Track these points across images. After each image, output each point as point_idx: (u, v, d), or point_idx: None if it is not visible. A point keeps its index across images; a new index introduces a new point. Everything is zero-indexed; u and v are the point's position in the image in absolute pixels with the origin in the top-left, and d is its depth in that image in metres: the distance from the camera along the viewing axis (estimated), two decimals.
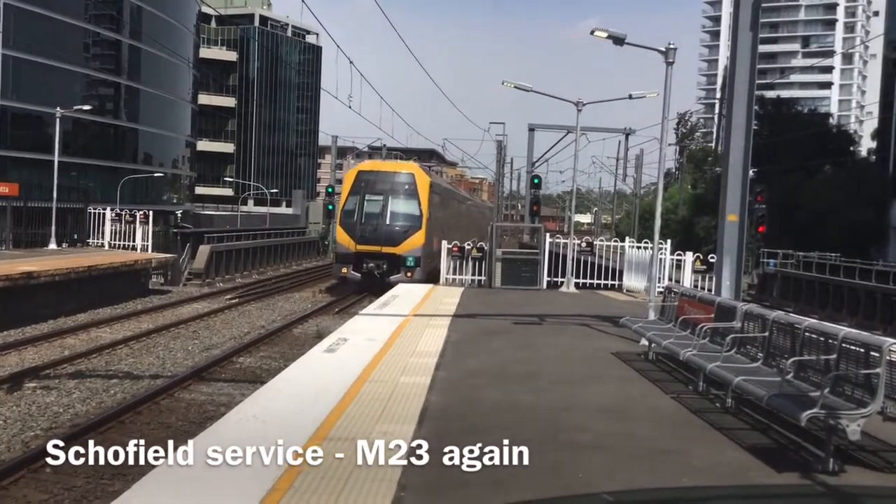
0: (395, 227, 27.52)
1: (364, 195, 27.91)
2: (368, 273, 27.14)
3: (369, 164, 31.29)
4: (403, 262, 27.15)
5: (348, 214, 28.08)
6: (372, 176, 28.57)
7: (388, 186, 28.06)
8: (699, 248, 39.06)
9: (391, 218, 27.64)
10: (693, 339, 10.15)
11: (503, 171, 64.85)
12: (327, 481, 5.98)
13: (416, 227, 27.48)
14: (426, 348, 11.78)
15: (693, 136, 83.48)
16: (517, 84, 26.83)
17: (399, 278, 26.38)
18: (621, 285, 23.41)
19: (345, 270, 27.75)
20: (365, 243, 27.27)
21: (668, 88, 14.25)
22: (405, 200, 27.83)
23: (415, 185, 28.16)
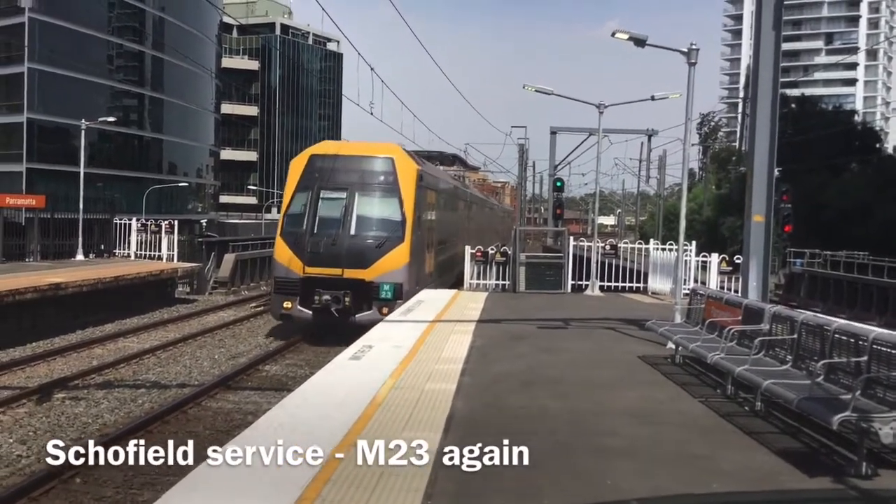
0: (365, 240, 19.02)
1: (318, 192, 19.29)
2: (323, 309, 18.48)
3: (326, 147, 21.50)
4: (376, 291, 18.70)
5: (294, 221, 19.44)
6: (330, 163, 19.65)
7: (356, 178, 19.50)
8: (724, 248, 38.81)
9: (358, 226, 19.09)
10: (720, 342, 10.05)
11: (525, 175, 64.78)
12: (355, 488, 5.97)
13: (397, 239, 19.06)
14: (451, 354, 11.75)
15: (716, 136, 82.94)
16: (538, 87, 26.80)
17: (369, 317, 18.00)
18: (646, 288, 23.26)
19: (287, 305, 18.85)
20: (318, 264, 18.69)
21: (690, 89, 14.15)
22: (381, 199, 19.40)
23: (394, 175, 19.52)
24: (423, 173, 20.92)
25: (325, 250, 18.79)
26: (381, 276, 18.78)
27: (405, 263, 19.08)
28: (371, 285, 18.74)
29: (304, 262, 18.82)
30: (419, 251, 20.25)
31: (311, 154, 20.30)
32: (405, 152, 20.88)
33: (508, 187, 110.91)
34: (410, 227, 19.26)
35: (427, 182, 21.47)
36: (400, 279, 18.96)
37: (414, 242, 19.45)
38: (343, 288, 18.57)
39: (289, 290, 18.91)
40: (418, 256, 20.12)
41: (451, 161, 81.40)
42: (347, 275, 18.69)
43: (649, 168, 57.09)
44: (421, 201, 20.35)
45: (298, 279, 18.84)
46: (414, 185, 19.62)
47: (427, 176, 21.78)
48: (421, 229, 20.35)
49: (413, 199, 19.49)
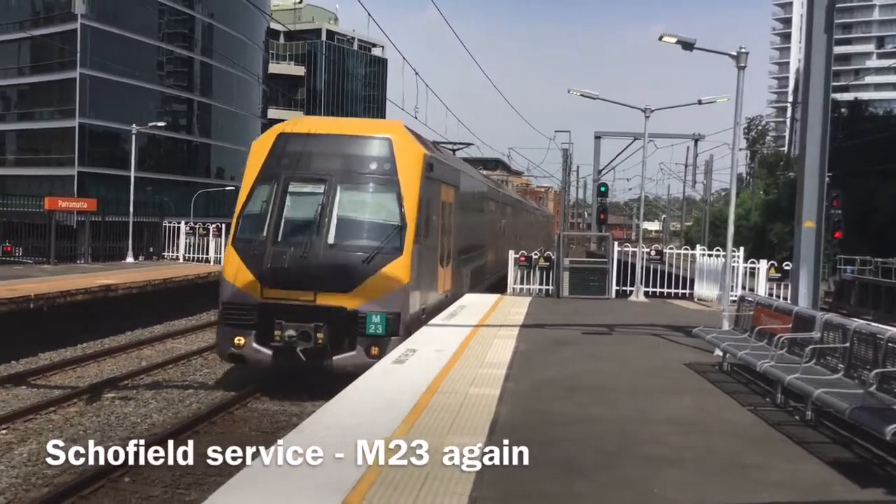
0: (348, 252, 13.95)
1: (285, 184, 14.34)
2: (286, 349, 13.40)
3: (299, 123, 15.81)
4: (362, 324, 13.67)
5: (250, 224, 14.48)
6: (303, 144, 14.67)
7: (337, 166, 14.48)
8: (772, 255, 38.20)
9: (339, 231, 14.11)
10: (770, 350, 9.89)
11: (569, 180, 64.49)
12: (400, 492, 5.98)
13: (393, 251, 14.06)
14: (495, 359, 11.72)
15: (764, 141, 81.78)
16: (583, 92, 26.63)
17: (352, 360, 13.34)
18: (692, 294, 22.99)
19: (239, 342, 13.71)
20: (281, 285, 13.63)
21: (739, 93, 13.96)
22: (372, 195, 14.58)
23: (392, 163, 14.56)
24: (434, 161, 15.65)
25: (292, 266, 13.54)
26: (370, 302, 13.60)
27: (404, 284, 13.93)
28: (355, 316, 13.49)
29: (261, 281, 13.61)
30: (427, 266, 15.39)
31: (278, 132, 14.96)
32: (409, 132, 15.65)
33: (552, 192, 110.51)
34: (413, 234, 14.18)
35: (440, 174, 16.49)
36: (396, 307, 13.73)
37: (418, 255, 14.43)
38: (315, 319, 13.35)
39: (240, 321, 13.66)
40: (425, 273, 15.28)
41: (494, 165, 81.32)
42: (322, 300, 13.46)
43: (695, 173, 56.47)
44: (430, 198, 15.40)
45: (253, 306, 13.60)
46: (419, 177, 14.58)
47: (441, 166, 16.71)
48: (430, 236, 15.51)
49: (417, 196, 14.43)
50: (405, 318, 13.92)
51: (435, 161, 15.90)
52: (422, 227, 14.73)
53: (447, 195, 17.44)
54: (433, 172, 15.48)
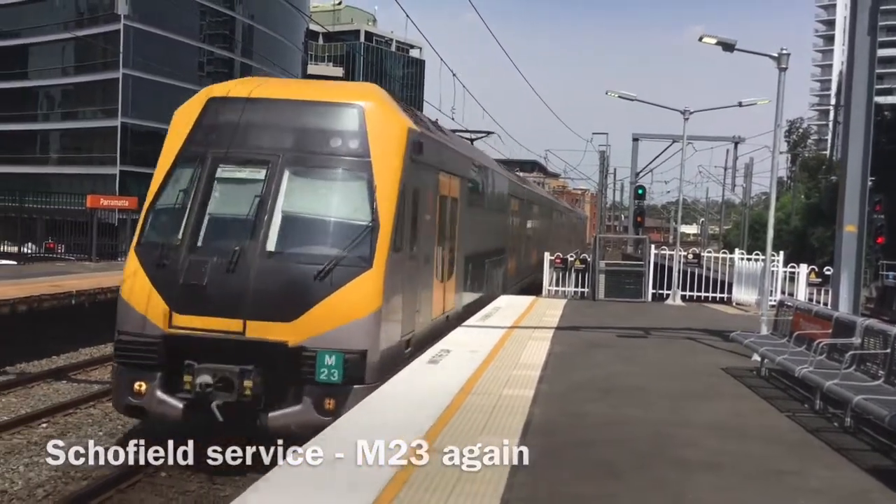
0: (292, 263, 10.16)
1: (212, 168, 10.71)
2: (199, 398, 9.33)
3: (238, 85, 11.74)
4: (309, 367, 9.64)
5: (162, 223, 10.84)
6: (240, 113, 10.88)
7: (287, 143, 10.76)
8: (813, 259, 37.65)
9: (283, 235, 10.33)
10: (809, 356, 9.74)
11: (606, 182, 64.12)
12: (432, 492, 5.98)
13: (357, 263, 10.16)
14: (529, 361, 11.68)
15: (805, 144, 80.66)
16: (621, 93, 26.50)
17: (294, 417, 9.55)
18: (730, 298, 22.72)
19: (140, 388, 9.81)
20: (197, 310, 9.87)
21: (780, 95, 13.78)
22: (334, 182, 10.81)
23: (362, 138, 10.75)
24: (427, 141, 11.91)
25: (215, 282, 9.78)
26: (323, 336, 9.63)
27: (373, 310, 9.98)
28: (300, 355, 9.56)
29: (170, 304, 9.83)
30: (412, 282, 11.51)
31: (209, 96, 11.06)
32: (390, 100, 11.60)
33: (588, 194, 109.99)
34: (389, 238, 10.25)
35: (438, 159, 13.01)
36: (361, 342, 9.79)
37: (397, 267, 10.59)
38: (243, 359, 9.41)
39: (140, 360, 9.85)
40: (410, 292, 11.35)
41: (531, 167, 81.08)
42: (255, 332, 9.61)
43: (735, 176, 55.86)
44: (420, 190, 11.71)
45: (158, 339, 9.79)
46: (401, 159, 10.71)
47: (438, 149, 13.18)
48: (420, 241, 11.84)
49: (398, 185, 10.53)
50: (374, 357, 9.79)
51: (427, 141, 12.01)
52: (404, 229, 10.88)
53: (449, 187, 14.06)
54: (425, 156, 11.72)
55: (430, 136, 12.87)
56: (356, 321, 9.83)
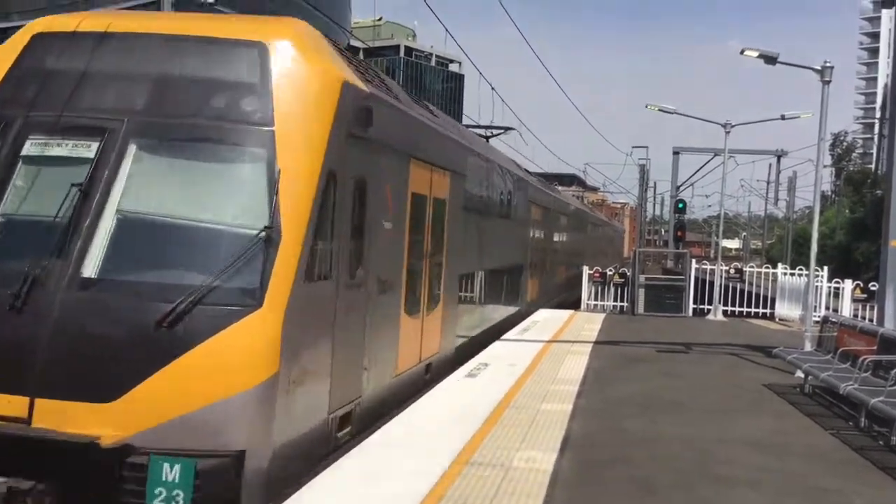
0: (124, 299, 6.05)
1: (15, 142, 6.70)
2: None
3: (86, 18, 7.23)
4: (138, 483, 5.50)
5: None
6: (76, 55, 6.93)
7: (137, 103, 6.76)
8: (858, 275, 36.97)
9: (113, 250, 6.27)
10: (854, 372, 9.57)
11: (646, 196, 63.66)
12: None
13: (243, 301, 6.04)
14: (567, 375, 11.64)
15: (850, 158, 79.43)
16: (661, 106, 26.36)
17: None
18: (773, 314, 22.42)
19: None
20: None
21: (824, 108, 13.61)
22: (209, 165, 6.70)
23: (263, 96, 6.69)
24: (379, 108, 8.27)
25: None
26: (163, 427, 5.79)
27: (260, 380, 6.02)
28: (118, 463, 5.67)
29: None
30: (348, 324, 7.64)
31: (34, 33, 7.35)
32: (317, 42, 7.56)
33: (628, 208, 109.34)
34: (297, 256, 6.50)
35: (399, 137, 9.29)
36: (234, 436, 5.90)
37: (312, 303, 6.82)
38: (27, 467, 5.64)
39: None
40: (344, 342, 7.51)
41: (570, 181, 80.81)
42: (45, 420, 5.83)
43: (777, 190, 55.05)
44: (366, 181, 8.01)
45: None
46: (327, 130, 6.97)
47: (401, 122, 9.44)
48: (369, 260, 8.17)
49: (319, 172, 6.82)
50: (260, 462, 6.00)
51: (384, 110, 8.38)
52: (333, 241, 7.20)
53: (432, 183, 10.45)
54: (380, 131, 8.08)
55: (393, 104, 8.87)
56: (229, 399, 5.78)
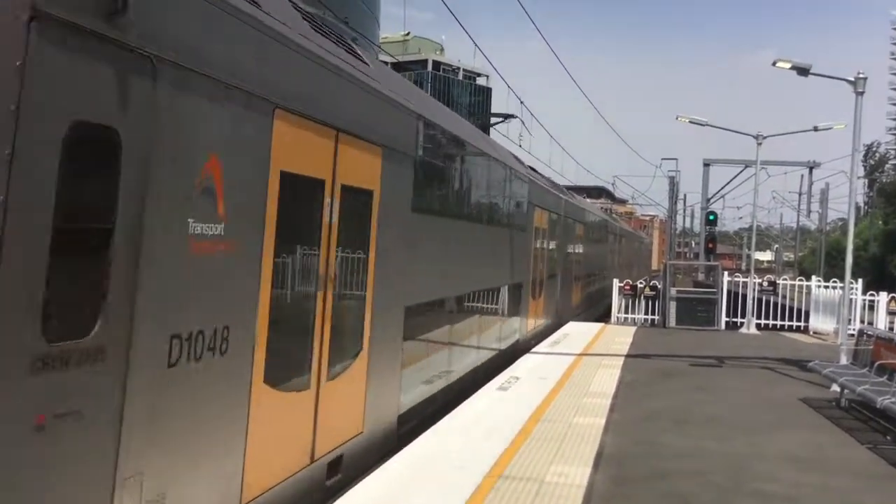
0: None
1: None
2: None
3: None
4: None
5: None
6: None
7: None
8: (892, 287, 36.44)
9: None
10: (891, 386, 9.44)
11: (676, 208, 63.21)
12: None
13: None
14: (599, 388, 11.57)
15: (883, 169, 78.46)
16: (692, 118, 26.21)
17: None
18: (807, 327, 22.14)
19: None
20: None
21: (857, 119, 13.48)
22: None
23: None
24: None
25: None
26: None
27: None
28: None
29: None
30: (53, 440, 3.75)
31: None
32: None
33: (657, 220, 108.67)
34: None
35: (205, 44, 4.95)
36: None
37: None
38: None
39: None
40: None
41: (598, 194, 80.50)
42: None
43: (810, 202, 54.42)
44: (126, 135, 4.17)
45: None
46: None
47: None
48: (140, 295, 4.40)
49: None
50: None
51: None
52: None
53: (343, 163, 7.19)
54: (157, 24, 4.43)
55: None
56: None
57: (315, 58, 6.52)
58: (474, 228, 12.51)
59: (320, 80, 6.64)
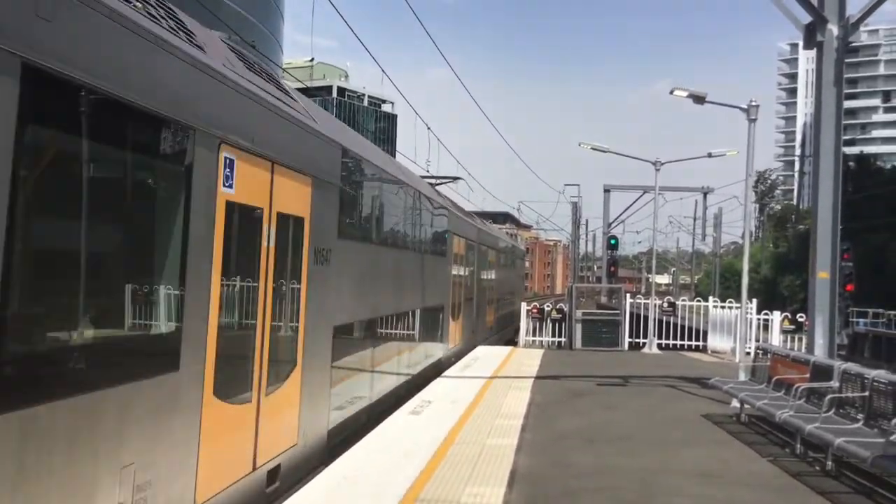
0: None
1: None
2: None
3: None
4: None
5: None
6: None
7: None
8: (783, 307, 38.04)
9: None
10: (788, 400, 9.85)
11: (579, 233, 64.60)
12: None
13: None
14: (511, 410, 11.69)
15: (773, 195, 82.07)
16: (594, 145, 26.92)
17: None
18: (706, 346, 22.90)
19: None
20: None
21: (751, 146, 14.12)
22: None
23: None
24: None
25: None
26: None
27: None
28: None
29: None
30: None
31: None
32: None
33: (561, 245, 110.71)
34: None
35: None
36: None
37: None
38: None
39: None
40: None
41: (504, 219, 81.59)
42: None
43: (704, 226, 56.53)
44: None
45: None
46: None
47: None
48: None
49: None
50: None
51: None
52: None
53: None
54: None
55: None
56: None
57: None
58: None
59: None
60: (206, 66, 5.91)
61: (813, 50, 12.28)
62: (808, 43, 12.35)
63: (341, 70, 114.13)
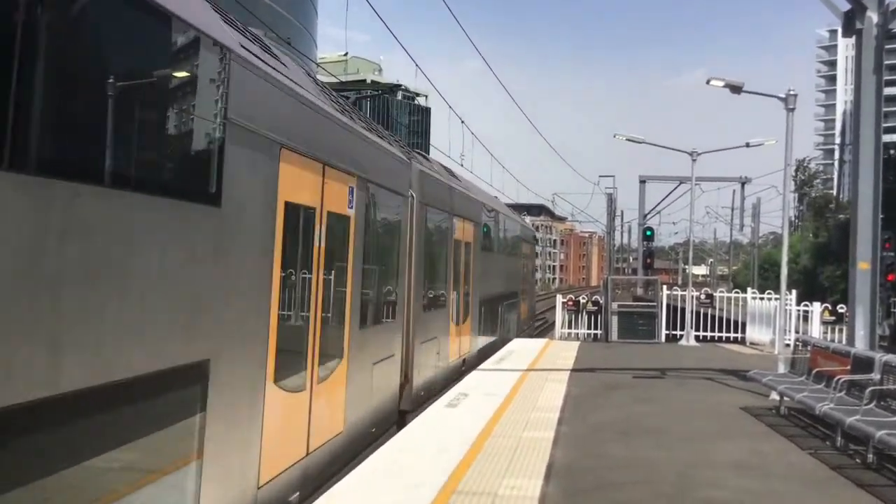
0: None
1: None
2: None
3: None
4: None
5: None
6: None
7: None
8: (824, 298, 37.56)
9: None
10: (829, 393, 9.75)
11: (614, 224, 64.24)
12: None
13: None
14: (547, 403, 11.70)
15: (812, 184, 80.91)
16: (629, 136, 26.74)
17: None
18: (744, 338, 22.69)
19: None
20: None
21: (789, 135, 13.95)
22: None
23: None
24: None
25: None
26: None
27: None
28: None
29: None
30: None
31: None
32: None
33: (596, 237, 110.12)
34: None
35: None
36: None
37: None
38: None
39: None
40: None
41: (538, 211, 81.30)
42: None
43: (742, 216, 55.87)
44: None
45: None
46: None
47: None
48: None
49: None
50: None
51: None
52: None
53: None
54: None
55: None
56: None
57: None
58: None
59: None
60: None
61: (852, 37, 12.10)
62: (846, 30, 12.18)
63: (375, 64, 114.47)
